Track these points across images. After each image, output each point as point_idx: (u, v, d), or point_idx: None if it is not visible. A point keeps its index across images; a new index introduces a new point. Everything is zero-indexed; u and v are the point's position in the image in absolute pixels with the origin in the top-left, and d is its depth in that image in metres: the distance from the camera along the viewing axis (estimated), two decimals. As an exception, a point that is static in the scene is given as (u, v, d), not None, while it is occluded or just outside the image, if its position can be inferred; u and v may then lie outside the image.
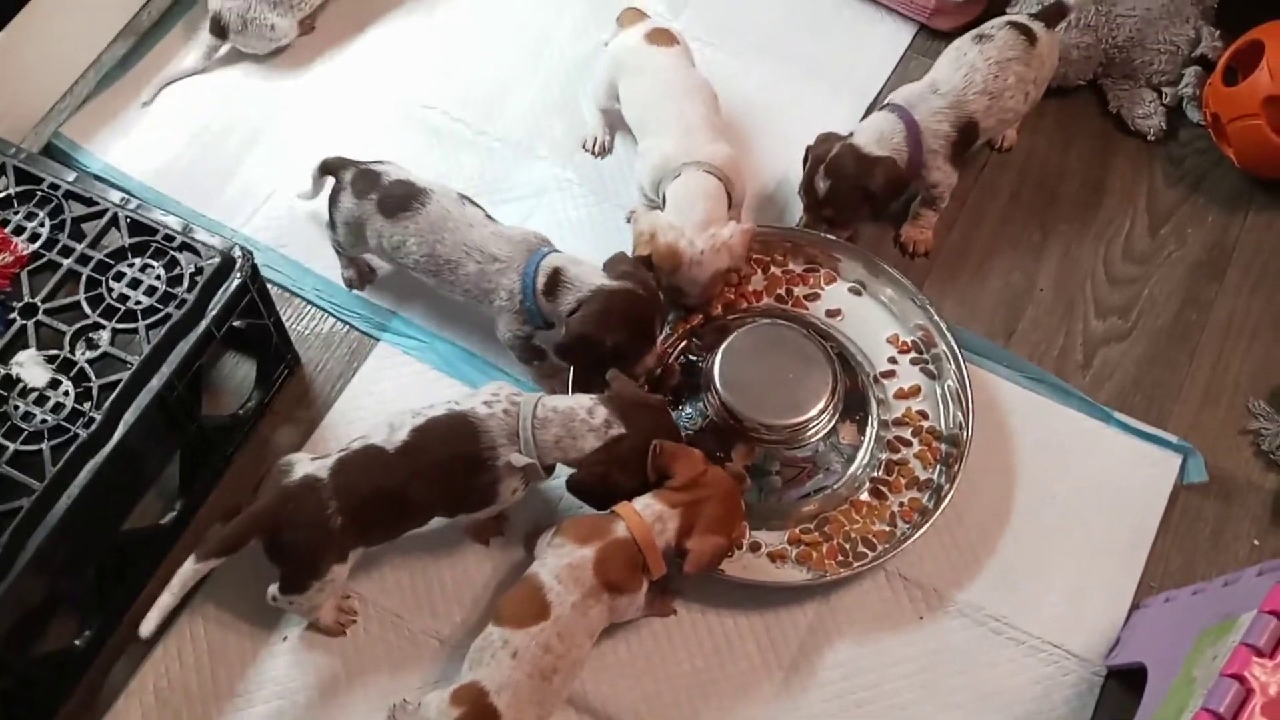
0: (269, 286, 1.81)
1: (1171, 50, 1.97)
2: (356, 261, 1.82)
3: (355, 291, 1.83)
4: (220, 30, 1.99)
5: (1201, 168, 1.97)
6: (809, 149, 1.81)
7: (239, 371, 1.76)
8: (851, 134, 1.79)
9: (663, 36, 1.84)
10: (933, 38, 2.07)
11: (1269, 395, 1.77)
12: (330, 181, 1.74)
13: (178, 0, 2.09)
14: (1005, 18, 1.86)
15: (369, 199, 1.67)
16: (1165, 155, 1.99)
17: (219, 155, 1.95)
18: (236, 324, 1.60)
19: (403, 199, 1.66)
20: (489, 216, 1.69)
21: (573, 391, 1.67)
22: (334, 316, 1.82)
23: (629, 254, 1.67)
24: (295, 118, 1.99)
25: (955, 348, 1.74)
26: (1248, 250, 1.90)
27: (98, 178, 1.87)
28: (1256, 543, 1.67)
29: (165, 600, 1.35)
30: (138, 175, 1.91)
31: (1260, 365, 1.80)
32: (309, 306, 1.83)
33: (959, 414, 1.71)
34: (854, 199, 1.76)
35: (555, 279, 1.60)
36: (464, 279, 1.65)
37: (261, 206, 1.90)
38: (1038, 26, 1.83)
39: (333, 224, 1.73)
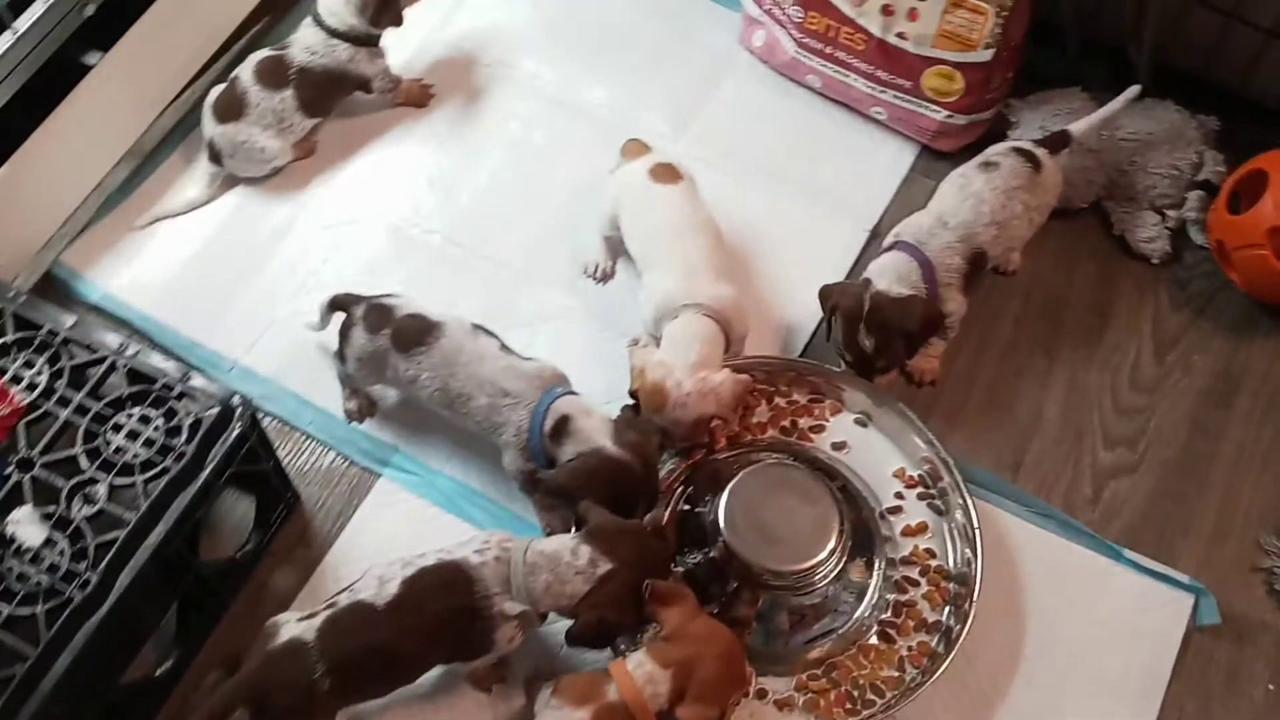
0: (268, 420, 1.81)
1: (1175, 174, 1.96)
2: (360, 393, 1.80)
3: (356, 424, 1.81)
4: (216, 156, 1.99)
5: (1207, 291, 1.96)
6: (830, 305, 1.75)
7: (237, 509, 1.74)
8: (868, 281, 1.73)
9: (666, 173, 1.83)
10: (935, 159, 2.07)
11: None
12: (339, 315, 1.73)
13: (180, 122, 2.10)
14: (1009, 143, 1.85)
15: (383, 334, 1.66)
16: (1170, 278, 1.97)
17: (218, 283, 1.94)
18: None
19: (417, 333, 1.65)
20: (504, 347, 1.67)
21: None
22: (334, 451, 1.80)
23: (634, 399, 1.66)
24: (294, 243, 1.99)
25: (961, 483, 1.72)
26: (1255, 377, 1.88)
27: (97, 309, 1.87)
28: (1271, 687, 1.64)
29: None
30: (138, 305, 1.91)
31: (1271, 498, 1.78)
32: (309, 440, 1.81)
33: (967, 551, 1.69)
34: (900, 345, 1.73)
35: (562, 425, 1.59)
36: (475, 411, 1.64)
37: (261, 336, 1.89)
38: (1041, 153, 1.83)
39: (343, 358, 1.72)
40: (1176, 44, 2.01)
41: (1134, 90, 1.89)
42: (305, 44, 1.99)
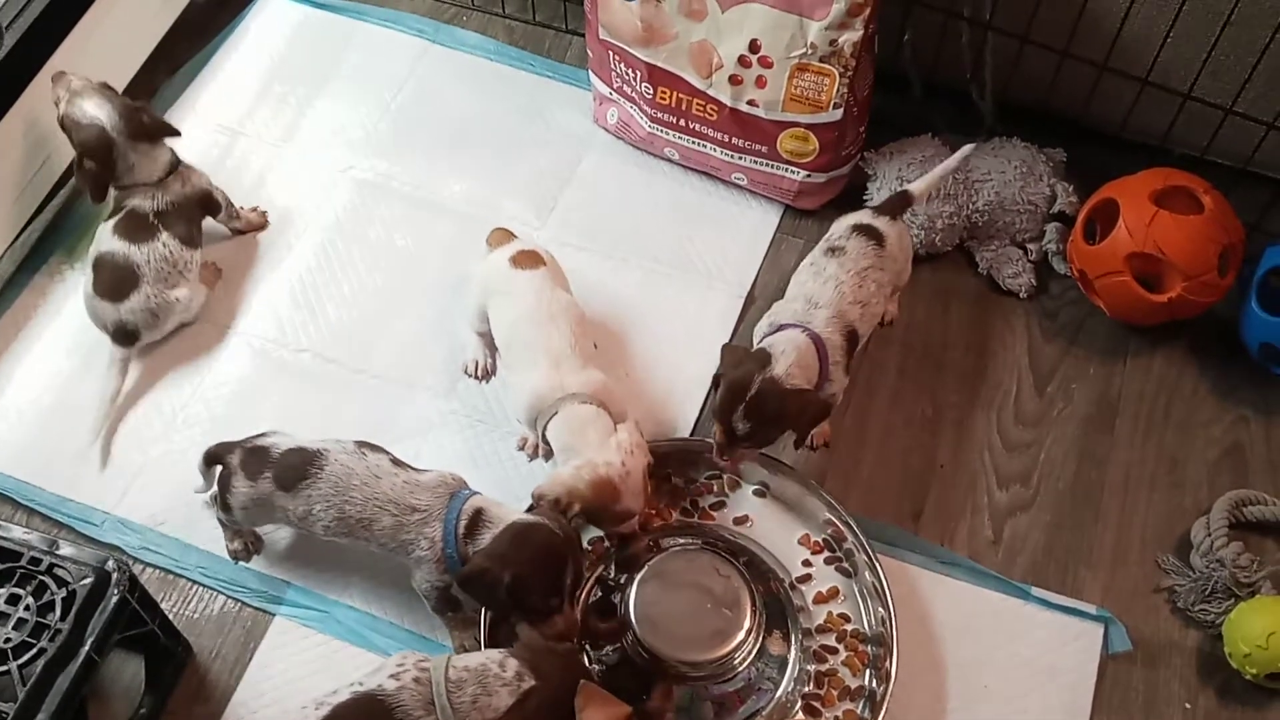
0: (149, 571, 1.73)
1: (1031, 209, 2.01)
2: (243, 532, 1.73)
3: (243, 564, 1.74)
4: (129, 336, 1.86)
5: (1076, 318, 2.00)
6: (721, 371, 1.69)
7: (126, 671, 1.65)
8: (767, 357, 1.65)
9: (528, 259, 1.80)
10: (800, 217, 2.09)
11: (1175, 548, 1.78)
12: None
13: (21, 266, 2.01)
14: (850, 221, 1.82)
15: (265, 479, 1.59)
16: (1040, 310, 2.01)
17: (81, 431, 1.84)
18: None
19: (299, 468, 1.59)
20: (396, 461, 1.62)
21: (486, 642, 1.61)
22: (223, 594, 1.72)
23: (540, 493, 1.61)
24: (159, 382, 1.90)
25: (865, 542, 1.72)
26: (1132, 398, 1.93)
27: (-49, 475, 1.77)
28: (1188, 706, 1.67)
29: None
30: (-3, 466, 1.81)
31: (1163, 516, 1.81)
32: (195, 587, 1.73)
33: (880, 610, 1.68)
34: (775, 434, 1.69)
35: (477, 519, 1.55)
36: (380, 534, 1.58)
37: (133, 482, 1.80)
38: (882, 224, 1.80)
39: (227, 508, 1.64)
40: (1016, 81, 2.06)
41: (968, 149, 1.90)
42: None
